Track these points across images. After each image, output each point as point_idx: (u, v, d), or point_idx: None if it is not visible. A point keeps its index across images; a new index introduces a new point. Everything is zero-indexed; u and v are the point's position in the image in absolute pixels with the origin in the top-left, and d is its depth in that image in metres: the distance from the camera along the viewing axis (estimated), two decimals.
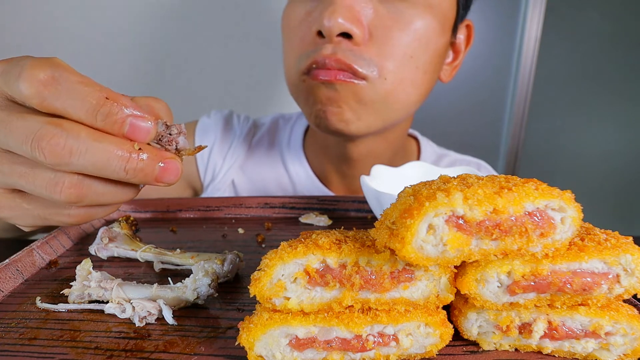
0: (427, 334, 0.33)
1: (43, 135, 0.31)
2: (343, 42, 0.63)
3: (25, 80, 0.30)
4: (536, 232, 0.29)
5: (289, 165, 0.90)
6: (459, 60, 0.80)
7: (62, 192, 0.33)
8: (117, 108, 0.32)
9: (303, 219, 0.65)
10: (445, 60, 0.78)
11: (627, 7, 2.22)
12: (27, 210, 0.37)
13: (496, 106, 2.32)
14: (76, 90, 0.31)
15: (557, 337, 0.33)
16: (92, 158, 0.32)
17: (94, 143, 0.32)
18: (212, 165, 0.91)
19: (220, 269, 0.44)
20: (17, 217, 0.38)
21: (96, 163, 0.32)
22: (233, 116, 0.97)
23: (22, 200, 0.37)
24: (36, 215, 0.37)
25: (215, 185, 0.90)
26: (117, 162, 0.33)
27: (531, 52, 2.18)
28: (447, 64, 0.79)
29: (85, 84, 0.32)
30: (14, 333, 0.36)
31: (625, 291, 0.31)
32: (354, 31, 0.61)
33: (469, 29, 0.80)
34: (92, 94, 0.32)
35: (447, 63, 0.79)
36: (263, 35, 1.41)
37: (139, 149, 0.33)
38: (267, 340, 0.31)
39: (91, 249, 0.51)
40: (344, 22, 0.60)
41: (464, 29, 0.79)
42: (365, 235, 0.34)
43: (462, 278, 0.32)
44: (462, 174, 0.33)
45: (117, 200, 0.37)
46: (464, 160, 0.97)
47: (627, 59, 2.30)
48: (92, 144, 0.32)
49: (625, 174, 2.54)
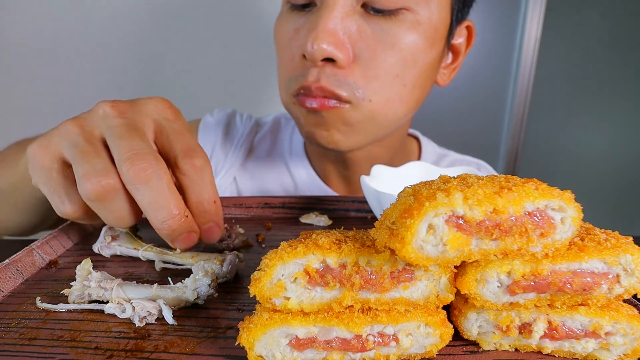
0: (427, 334, 0.33)
1: (142, 157, 0.39)
2: (327, 66, 0.62)
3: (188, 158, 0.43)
4: (536, 232, 0.29)
5: (290, 165, 0.90)
6: (459, 61, 0.79)
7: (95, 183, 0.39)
8: (213, 216, 0.45)
9: (303, 219, 0.65)
10: (444, 63, 0.76)
11: (627, 7, 2.22)
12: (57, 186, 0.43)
13: (496, 106, 2.32)
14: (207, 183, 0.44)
15: (557, 337, 0.33)
16: (154, 197, 0.39)
17: (166, 190, 0.40)
18: (214, 163, 0.91)
19: (220, 269, 0.44)
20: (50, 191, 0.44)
21: (151, 202, 0.39)
22: (236, 115, 0.97)
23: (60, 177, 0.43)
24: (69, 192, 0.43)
25: (217, 182, 0.91)
26: (165, 213, 0.40)
27: (531, 52, 2.18)
28: (445, 66, 0.77)
29: (213, 184, 0.45)
30: (14, 333, 0.36)
31: (625, 291, 0.31)
32: (337, 56, 0.60)
33: (469, 30, 0.77)
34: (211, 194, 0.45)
35: (445, 66, 0.77)
36: (263, 35, 1.41)
37: (187, 216, 0.42)
38: (267, 340, 0.31)
39: (94, 247, 0.52)
40: (327, 47, 0.59)
41: (464, 31, 0.77)
42: (365, 235, 0.34)
43: (462, 278, 0.32)
44: (462, 174, 0.33)
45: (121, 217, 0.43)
46: (464, 160, 0.97)
47: (627, 59, 2.30)
48: (164, 188, 0.40)
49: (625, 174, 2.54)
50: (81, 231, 0.59)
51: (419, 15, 0.63)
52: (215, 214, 0.45)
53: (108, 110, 0.43)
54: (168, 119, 0.46)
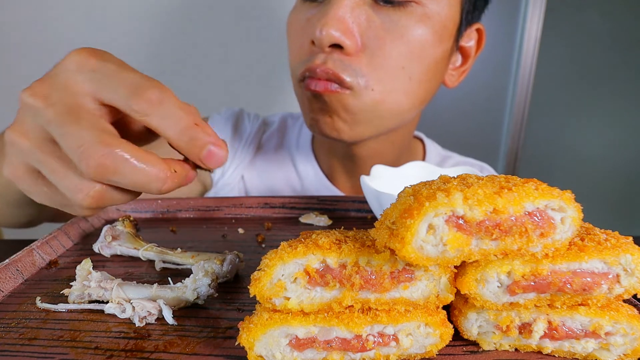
0: (427, 334, 0.33)
1: (92, 154, 0.33)
2: (334, 52, 0.63)
3: (139, 98, 0.35)
4: (536, 232, 0.29)
5: (297, 163, 0.91)
6: (469, 64, 0.79)
7: (83, 199, 0.36)
8: (202, 134, 0.37)
9: (303, 219, 0.65)
10: (453, 65, 0.77)
11: (627, 8, 2.22)
12: (45, 193, 0.39)
13: (496, 106, 2.32)
14: (175, 114, 0.36)
15: (557, 337, 0.33)
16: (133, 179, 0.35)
17: (137, 165, 0.35)
18: None
19: (220, 269, 0.44)
20: (34, 194, 0.40)
21: (136, 183, 0.35)
22: (244, 114, 0.98)
23: (44, 185, 0.39)
24: (51, 199, 0.39)
25: (225, 180, 0.91)
26: (155, 185, 0.36)
27: (531, 52, 2.18)
28: (454, 68, 0.78)
29: (182, 109, 0.36)
30: (14, 333, 0.36)
31: (625, 291, 0.31)
32: (345, 42, 0.61)
33: (479, 32, 0.78)
34: (186, 119, 0.36)
35: (454, 68, 0.78)
36: (263, 34, 1.41)
37: (175, 171, 0.37)
38: (267, 340, 0.31)
39: (95, 246, 0.52)
40: (335, 33, 0.60)
41: (474, 34, 0.77)
42: (365, 235, 0.34)
43: (462, 278, 0.32)
44: (462, 174, 0.33)
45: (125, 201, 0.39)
46: (467, 162, 0.97)
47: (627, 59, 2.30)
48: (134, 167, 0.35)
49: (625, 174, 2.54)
50: (81, 231, 0.59)
51: (428, 9, 0.64)
52: (205, 134, 0.37)
53: (32, 102, 0.37)
54: (95, 69, 0.38)
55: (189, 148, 0.37)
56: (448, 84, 0.79)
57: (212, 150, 0.37)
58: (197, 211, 0.68)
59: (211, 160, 0.38)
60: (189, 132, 0.36)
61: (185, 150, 0.37)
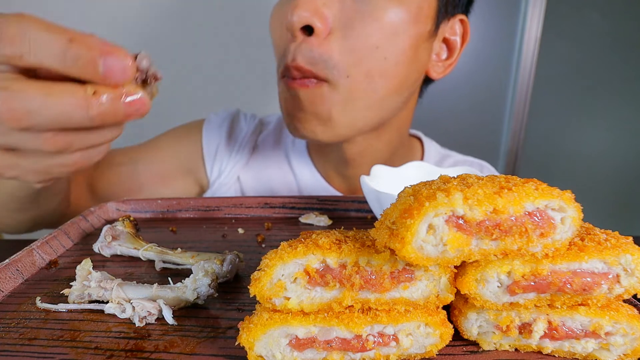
0: (427, 334, 0.33)
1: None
2: (304, 41, 0.63)
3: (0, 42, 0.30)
4: (536, 232, 0.29)
5: (294, 165, 0.91)
6: (455, 57, 0.78)
7: (47, 145, 0.34)
8: (84, 50, 0.31)
9: (303, 219, 0.65)
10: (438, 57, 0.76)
11: (627, 8, 2.22)
12: (25, 167, 0.38)
13: (496, 106, 2.32)
14: (42, 39, 0.30)
15: (557, 337, 0.33)
16: (50, 113, 0.32)
17: (46, 98, 0.31)
18: (218, 162, 0.92)
19: (220, 269, 0.44)
20: (20, 175, 0.39)
21: (57, 118, 0.32)
22: (240, 114, 0.98)
23: (18, 158, 0.37)
24: (36, 169, 0.38)
25: (222, 181, 0.91)
26: (78, 112, 0.32)
27: (531, 52, 2.18)
28: (439, 60, 0.77)
29: (50, 30, 0.31)
30: (14, 333, 0.36)
31: (625, 291, 0.31)
32: (315, 24, 0.61)
33: (463, 24, 0.76)
34: (57, 39, 0.30)
35: (439, 60, 0.77)
36: (263, 34, 1.41)
37: (94, 93, 0.32)
38: (267, 340, 0.31)
39: (95, 246, 0.52)
40: (305, 14, 0.61)
41: (458, 25, 0.76)
42: (365, 235, 0.34)
43: (462, 278, 0.32)
44: (462, 174, 0.33)
45: (106, 139, 0.37)
46: (467, 161, 0.96)
47: (627, 59, 2.30)
48: (44, 101, 0.31)
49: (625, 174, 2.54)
50: (81, 231, 0.59)
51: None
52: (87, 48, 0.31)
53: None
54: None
55: (82, 71, 0.31)
56: (432, 75, 0.78)
57: (108, 62, 0.31)
58: (197, 211, 0.68)
59: (114, 75, 0.32)
60: (69, 54, 0.30)
61: (78, 75, 0.32)
